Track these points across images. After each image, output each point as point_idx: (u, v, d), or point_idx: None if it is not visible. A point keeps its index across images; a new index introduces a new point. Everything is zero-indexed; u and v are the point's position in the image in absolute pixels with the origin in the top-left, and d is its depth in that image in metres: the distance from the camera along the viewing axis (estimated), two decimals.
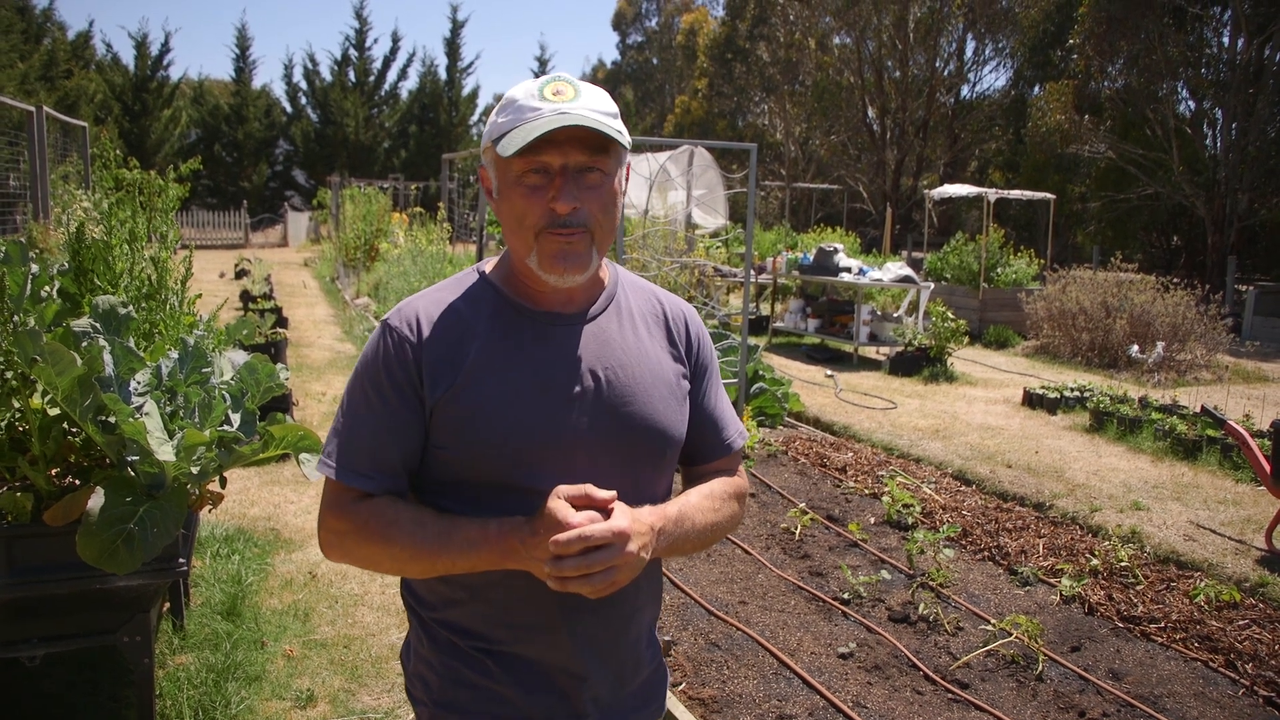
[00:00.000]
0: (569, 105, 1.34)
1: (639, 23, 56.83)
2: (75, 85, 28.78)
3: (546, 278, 1.39)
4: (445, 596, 1.47)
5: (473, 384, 1.39)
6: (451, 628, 1.47)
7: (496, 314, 1.45)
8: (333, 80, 39.23)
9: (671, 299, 1.64)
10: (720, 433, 1.62)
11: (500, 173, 1.40)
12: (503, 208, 1.41)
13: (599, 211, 1.39)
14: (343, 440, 1.42)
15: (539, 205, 1.36)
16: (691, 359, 1.59)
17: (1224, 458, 7.00)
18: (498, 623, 1.45)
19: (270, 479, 5.94)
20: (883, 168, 31.16)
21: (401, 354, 1.40)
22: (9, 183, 9.89)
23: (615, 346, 1.48)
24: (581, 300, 1.49)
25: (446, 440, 1.40)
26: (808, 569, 4.75)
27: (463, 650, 1.46)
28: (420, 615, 1.51)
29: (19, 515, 2.63)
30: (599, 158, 1.37)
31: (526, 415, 1.39)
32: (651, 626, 1.62)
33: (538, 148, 1.33)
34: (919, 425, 8.22)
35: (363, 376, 1.43)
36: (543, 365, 1.42)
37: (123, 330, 2.92)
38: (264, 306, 10.28)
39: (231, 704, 3.27)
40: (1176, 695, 3.60)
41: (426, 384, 1.39)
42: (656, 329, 1.56)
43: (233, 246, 28.64)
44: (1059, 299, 12.79)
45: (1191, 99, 21.59)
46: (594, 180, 1.38)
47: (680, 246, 11.59)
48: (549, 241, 1.37)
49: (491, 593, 1.44)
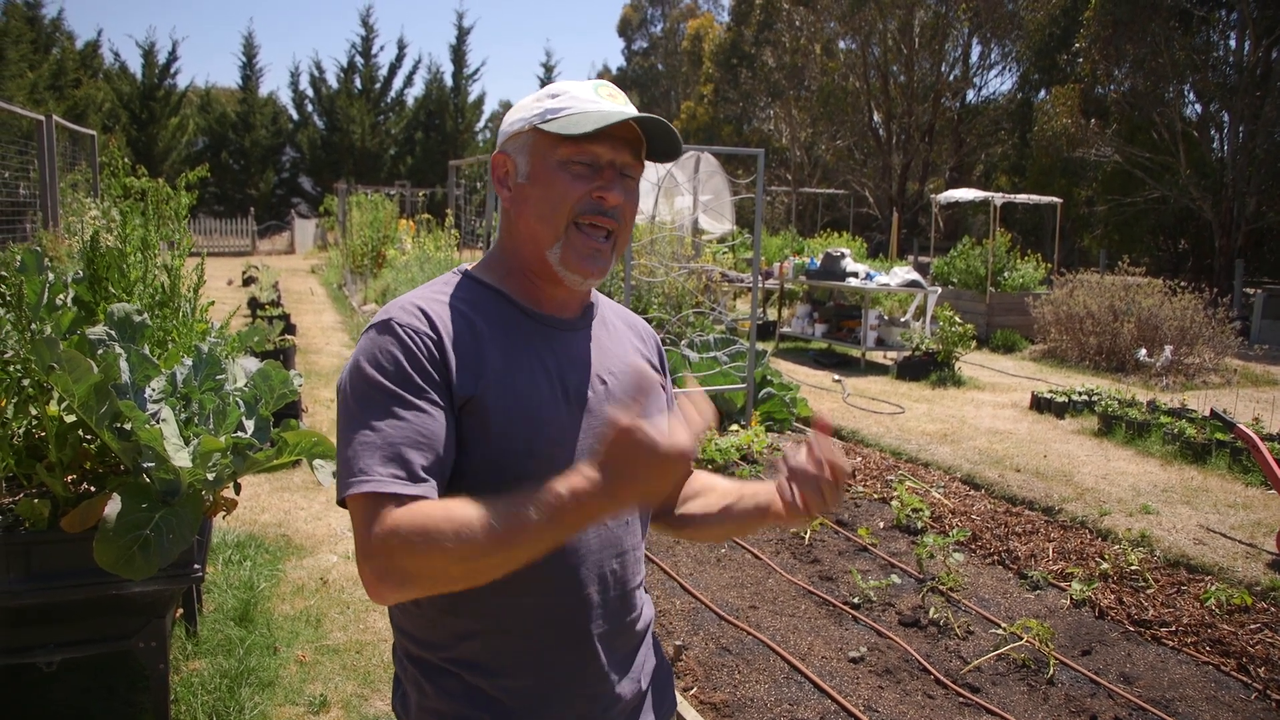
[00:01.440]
0: (626, 108, 1.35)
1: (644, 29, 56.95)
2: (84, 94, 28.91)
3: (567, 275, 1.36)
4: (458, 631, 1.34)
5: (497, 386, 1.31)
6: (468, 666, 1.34)
7: (502, 316, 1.38)
8: (339, 87, 39.36)
9: (631, 313, 1.65)
10: None
11: (538, 156, 1.35)
12: (534, 192, 1.35)
13: (629, 215, 1.39)
14: (384, 449, 1.21)
15: (581, 191, 1.33)
16: (664, 372, 1.63)
17: (1233, 461, 6.99)
18: (522, 654, 1.35)
19: (281, 485, 5.96)
20: (889, 172, 31.16)
21: (425, 350, 1.27)
22: (19, 191, 9.94)
23: (612, 353, 1.47)
24: (576, 306, 1.46)
25: (466, 444, 1.30)
26: (818, 573, 4.75)
27: (482, 691, 1.33)
28: (424, 661, 1.37)
29: (36, 522, 2.65)
30: (638, 164, 1.38)
31: (546, 419, 1.34)
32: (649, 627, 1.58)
33: (595, 138, 1.31)
34: (927, 430, 8.22)
35: (386, 379, 1.25)
36: (556, 370, 1.38)
37: (138, 338, 2.95)
38: (272, 313, 10.31)
39: (245, 709, 3.29)
40: (1188, 699, 3.60)
41: (456, 383, 1.29)
42: (633, 338, 1.57)
43: (240, 254, 28.76)
44: (1066, 303, 12.77)
45: (1198, 102, 21.58)
46: (630, 185, 1.38)
47: (688, 252, 11.60)
48: (580, 239, 1.34)
49: (513, 619, 1.34)
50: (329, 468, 2.93)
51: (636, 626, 1.49)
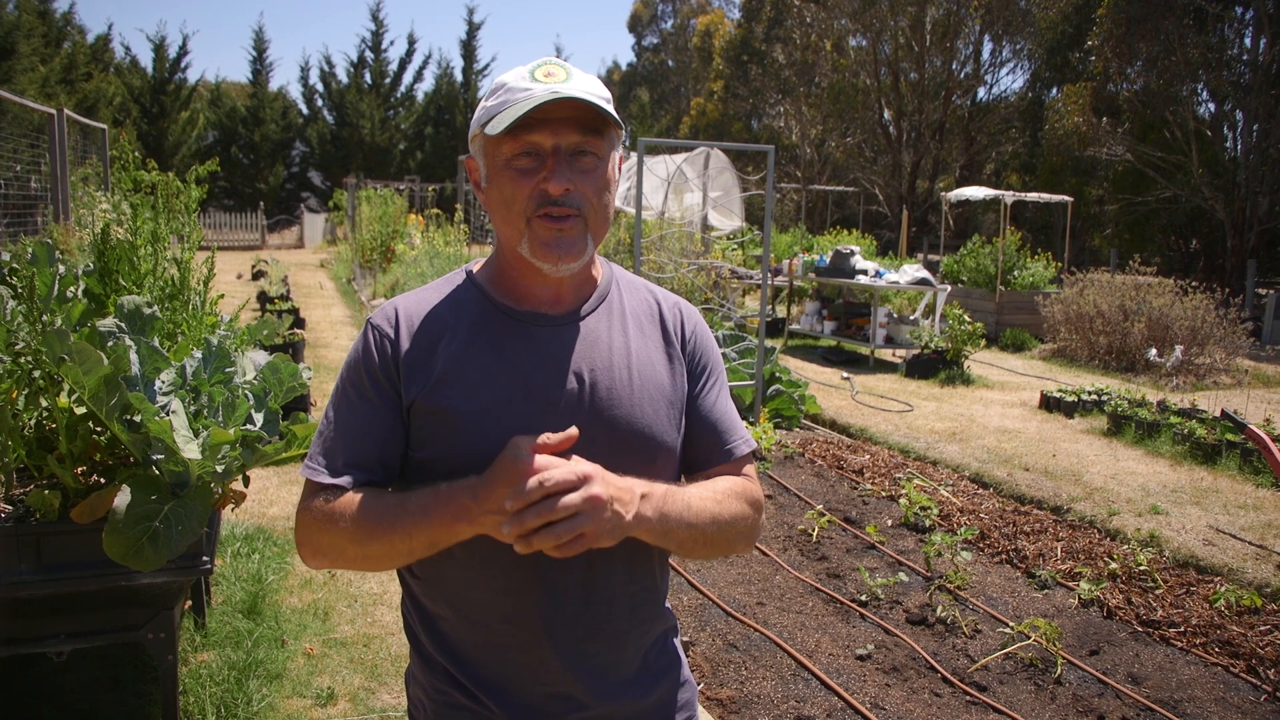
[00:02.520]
0: (560, 85, 1.30)
1: (654, 25, 56.89)
2: (94, 88, 28.99)
3: (541, 266, 1.34)
4: (433, 613, 1.44)
5: (446, 385, 1.35)
6: (442, 648, 1.43)
7: (478, 315, 1.41)
8: (349, 82, 39.41)
9: (669, 296, 1.57)
10: (721, 437, 1.50)
11: (489, 158, 1.36)
12: (491, 195, 1.37)
13: (593, 195, 1.34)
14: (325, 440, 1.38)
15: (528, 187, 1.31)
16: (689, 358, 1.50)
17: (1244, 462, 6.95)
18: (483, 641, 1.40)
19: (289, 478, 5.98)
20: (899, 170, 31.08)
21: (381, 352, 1.38)
22: (30, 184, 9.98)
23: (603, 348, 1.41)
24: (570, 300, 1.43)
25: (422, 442, 1.36)
26: (825, 571, 4.75)
27: (450, 674, 1.42)
28: (415, 635, 1.48)
29: (47, 513, 2.66)
30: (592, 139, 1.33)
31: (503, 418, 1.33)
32: (660, 644, 1.52)
33: (528, 127, 1.29)
34: (936, 428, 8.20)
35: (346, 376, 1.41)
36: (522, 368, 1.36)
37: (147, 330, 2.95)
38: (281, 307, 10.35)
39: (253, 701, 3.30)
40: (1197, 700, 3.58)
41: (403, 382, 1.36)
42: (651, 328, 1.49)
43: (249, 248, 28.82)
44: (1076, 302, 12.72)
45: (1212, 101, 21.48)
46: (588, 164, 1.34)
47: (697, 248, 11.59)
48: (541, 228, 1.32)
49: (474, 610, 1.39)
50: None
51: (616, 632, 1.43)
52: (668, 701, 1.52)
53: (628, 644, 1.45)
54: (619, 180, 1.45)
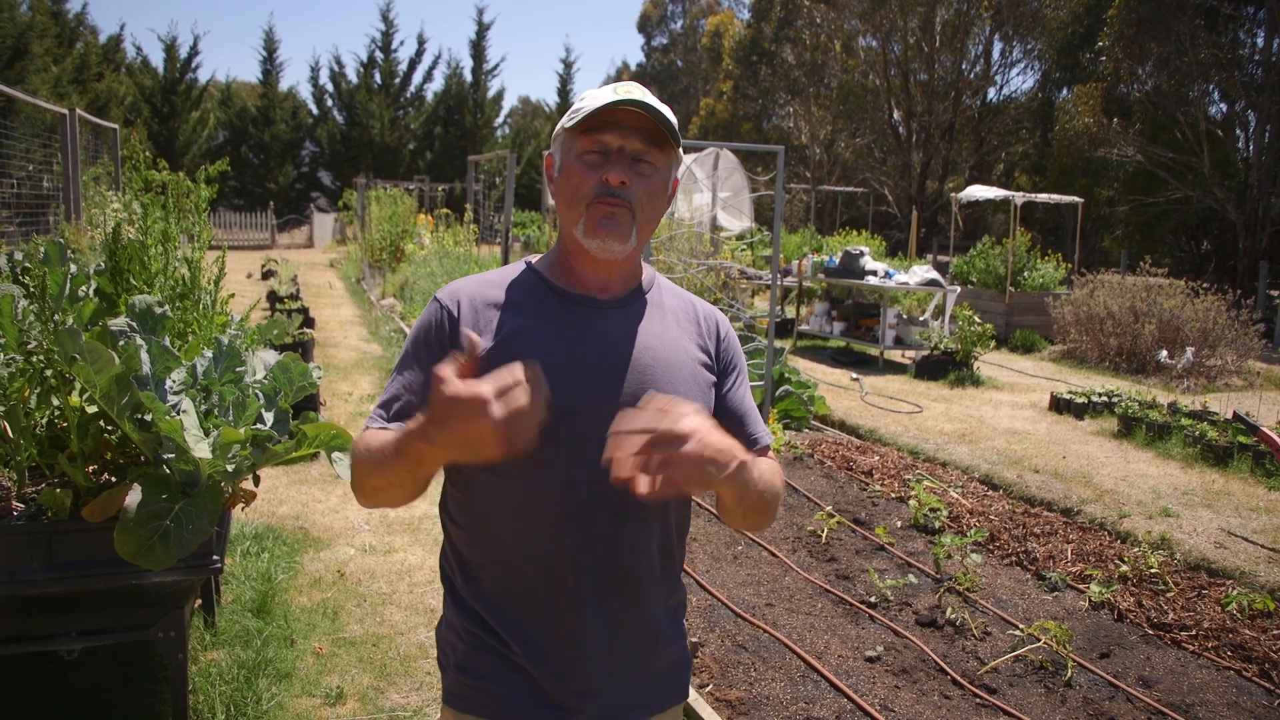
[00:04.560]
0: (635, 95, 1.48)
1: (664, 25, 56.88)
2: (106, 88, 29.09)
3: (589, 244, 1.49)
4: (468, 559, 1.56)
5: (498, 353, 1.45)
6: (474, 593, 1.54)
7: (535, 295, 1.55)
8: (359, 82, 39.48)
9: (705, 304, 1.72)
10: (749, 428, 1.65)
11: (565, 152, 1.53)
12: (561, 184, 1.53)
13: (644, 195, 1.50)
14: (387, 396, 1.54)
15: (593, 178, 1.48)
16: (718, 353, 1.66)
17: (1256, 465, 6.92)
18: (513, 588, 1.51)
19: (298, 478, 5.99)
20: (908, 170, 31.01)
21: (440, 324, 1.53)
22: (43, 184, 10.03)
23: (646, 332, 1.56)
24: (618, 289, 1.58)
25: None
26: (834, 572, 4.74)
27: (482, 618, 1.53)
28: (450, 580, 1.60)
29: (59, 511, 2.67)
30: (652, 150, 1.50)
31: (558, 384, 1.39)
32: (674, 612, 1.65)
33: (601, 128, 1.47)
34: (945, 429, 8.18)
35: (411, 342, 1.57)
36: (569, 340, 1.50)
37: (158, 329, 2.96)
38: (291, 307, 10.36)
39: (262, 700, 3.30)
40: (1209, 704, 3.56)
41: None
42: (689, 326, 1.64)
43: (259, 247, 28.90)
44: (1086, 303, 12.68)
45: (1223, 101, 21.35)
46: (645, 169, 1.50)
47: (706, 249, 11.58)
48: (596, 209, 1.47)
49: (512, 556, 1.51)
50: (346, 461, 2.94)
51: (639, 595, 1.55)
52: (671, 670, 1.65)
53: (646, 604, 1.57)
54: (672, 198, 1.60)
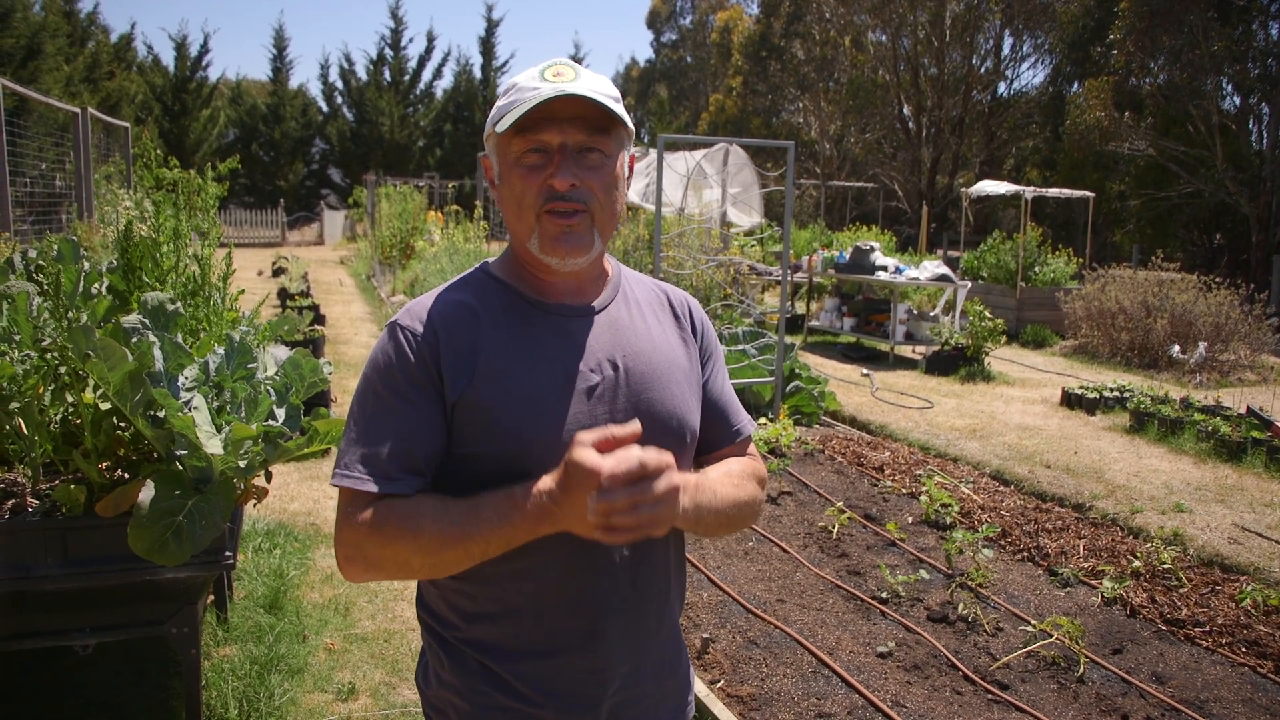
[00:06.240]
0: (568, 84, 1.33)
1: (673, 21, 56.73)
2: (117, 86, 29.18)
3: (548, 261, 1.38)
4: (471, 613, 1.42)
5: (491, 380, 1.36)
6: (480, 647, 1.41)
7: (509, 309, 1.42)
8: (368, 80, 39.55)
9: (673, 288, 1.63)
10: (729, 419, 1.59)
11: (501, 156, 1.39)
12: (503, 192, 1.40)
13: (600, 191, 1.37)
14: (361, 447, 1.34)
15: (536, 183, 1.34)
16: (700, 344, 1.58)
17: (1270, 460, 6.88)
18: (533, 636, 1.40)
19: (310, 474, 6.01)
20: (918, 166, 30.91)
21: (418, 352, 1.35)
22: (55, 182, 10.08)
23: (629, 334, 1.46)
24: (590, 291, 1.47)
25: (467, 438, 1.36)
26: (846, 568, 4.73)
27: (494, 673, 1.40)
28: (442, 636, 1.45)
29: (73, 507, 2.69)
30: (599, 138, 1.36)
31: (548, 409, 1.36)
32: (677, 622, 1.59)
33: (536, 126, 1.33)
34: (956, 425, 8.16)
35: (377, 380, 1.37)
36: (561, 358, 1.39)
37: (171, 326, 2.97)
38: (301, 304, 10.40)
39: (275, 695, 3.32)
40: (1223, 700, 3.54)
41: (447, 381, 1.35)
42: (665, 315, 1.55)
43: (270, 245, 28.98)
44: (1098, 298, 12.62)
45: (1236, 94, 21.20)
46: (594, 160, 1.37)
47: (716, 245, 11.57)
48: (549, 224, 1.35)
49: (527, 603, 1.39)
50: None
51: (657, 613, 1.50)
52: (685, 677, 1.61)
53: (663, 622, 1.52)
54: (629, 178, 1.48)
